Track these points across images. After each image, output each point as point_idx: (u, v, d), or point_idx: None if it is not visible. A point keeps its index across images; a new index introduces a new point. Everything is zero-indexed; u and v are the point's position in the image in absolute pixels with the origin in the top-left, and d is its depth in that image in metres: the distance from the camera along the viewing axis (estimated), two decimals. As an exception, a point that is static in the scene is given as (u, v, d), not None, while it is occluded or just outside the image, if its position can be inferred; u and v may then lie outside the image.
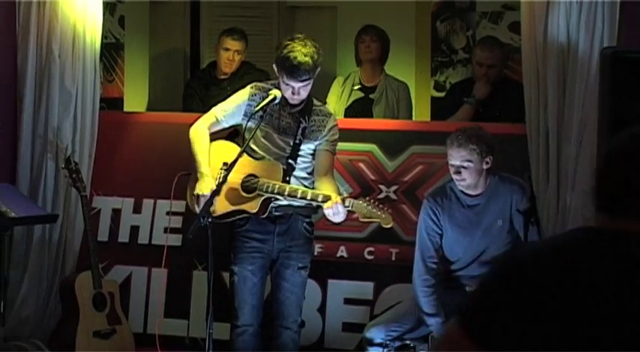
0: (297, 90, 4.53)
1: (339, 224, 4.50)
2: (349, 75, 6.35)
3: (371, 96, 6.18)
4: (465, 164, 4.54)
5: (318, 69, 4.55)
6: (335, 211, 4.32)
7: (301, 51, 4.45)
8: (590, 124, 4.75)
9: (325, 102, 5.75)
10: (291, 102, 4.59)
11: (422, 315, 4.61)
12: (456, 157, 4.54)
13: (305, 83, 4.51)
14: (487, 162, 4.57)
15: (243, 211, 4.56)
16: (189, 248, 5.34)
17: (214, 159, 4.60)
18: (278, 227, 4.62)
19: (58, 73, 5.49)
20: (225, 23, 6.72)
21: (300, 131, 4.60)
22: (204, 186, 4.47)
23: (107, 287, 5.29)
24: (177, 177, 4.89)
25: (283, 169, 4.54)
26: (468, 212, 4.66)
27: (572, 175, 4.88)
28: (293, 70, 4.45)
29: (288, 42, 4.51)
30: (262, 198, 4.50)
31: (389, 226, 4.42)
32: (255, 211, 4.52)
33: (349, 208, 4.32)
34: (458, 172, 4.57)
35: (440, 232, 4.70)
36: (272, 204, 4.55)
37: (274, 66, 4.56)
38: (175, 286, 5.49)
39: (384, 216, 4.34)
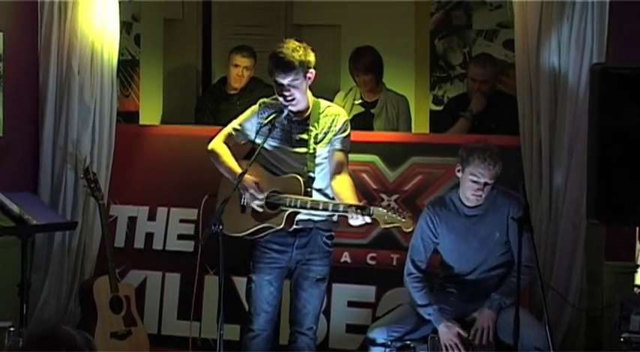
0: (285, 89, 4.37)
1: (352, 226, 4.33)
2: (350, 89, 6.25)
3: (372, 110, 6.09)
4: (490, 181, 4.49)
5: (309, 73, 4.41)
6: (355, 217, 4.21)
7: (290, 48, 4.37)
8: (581, 136, 4.79)
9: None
10: (288, 106, 4.43)
11: (417, 308, 4.60)
12: (487, 176, 4.46)
13: (290, 79, 4.36)
14: None
15: (270, 227, 4.45)
16: (201, 254, 5.29)
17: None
18: (298, 240, 4.50)
19: (77, 88, 5.51)
20: (235, 41, 6.76)
21: (312, 139, 4.46)
22: (248, 178, 4.38)
23: (123, 290, 5.30)
24: (204, 198, 4.84)
25: (303, 182, 4.41)
26: (465, 221, 4.63)
27: (564, 184, 4.90)
28: (278, 61, 4.34)
29: (282, 42, 4.44)
30: (287, 212, 4.38)
31: (409, 230, 4.27)
32: (281, 226, 4.41)
33: (372, 216, 4.18)
34: (481, 188, 4.50)
35: (435, 240, 4.67)
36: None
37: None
38: (188, 290, 5.44)
39: (404, 220, 4.18)
